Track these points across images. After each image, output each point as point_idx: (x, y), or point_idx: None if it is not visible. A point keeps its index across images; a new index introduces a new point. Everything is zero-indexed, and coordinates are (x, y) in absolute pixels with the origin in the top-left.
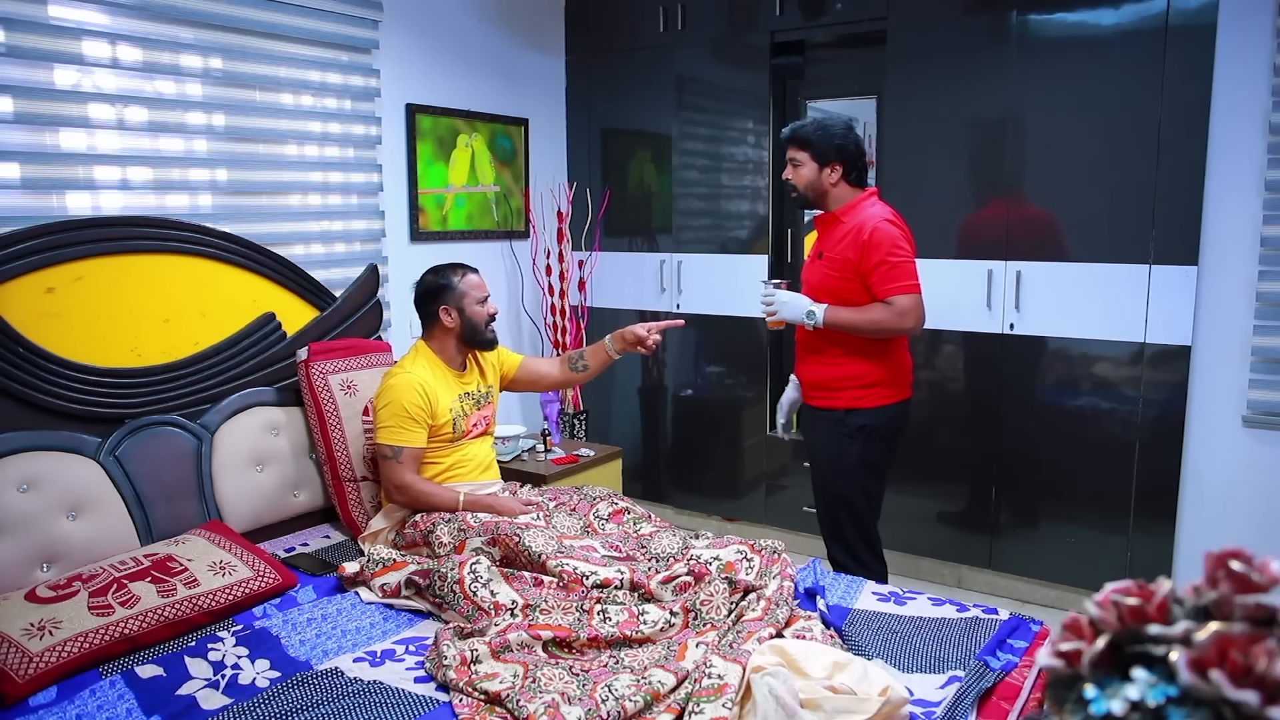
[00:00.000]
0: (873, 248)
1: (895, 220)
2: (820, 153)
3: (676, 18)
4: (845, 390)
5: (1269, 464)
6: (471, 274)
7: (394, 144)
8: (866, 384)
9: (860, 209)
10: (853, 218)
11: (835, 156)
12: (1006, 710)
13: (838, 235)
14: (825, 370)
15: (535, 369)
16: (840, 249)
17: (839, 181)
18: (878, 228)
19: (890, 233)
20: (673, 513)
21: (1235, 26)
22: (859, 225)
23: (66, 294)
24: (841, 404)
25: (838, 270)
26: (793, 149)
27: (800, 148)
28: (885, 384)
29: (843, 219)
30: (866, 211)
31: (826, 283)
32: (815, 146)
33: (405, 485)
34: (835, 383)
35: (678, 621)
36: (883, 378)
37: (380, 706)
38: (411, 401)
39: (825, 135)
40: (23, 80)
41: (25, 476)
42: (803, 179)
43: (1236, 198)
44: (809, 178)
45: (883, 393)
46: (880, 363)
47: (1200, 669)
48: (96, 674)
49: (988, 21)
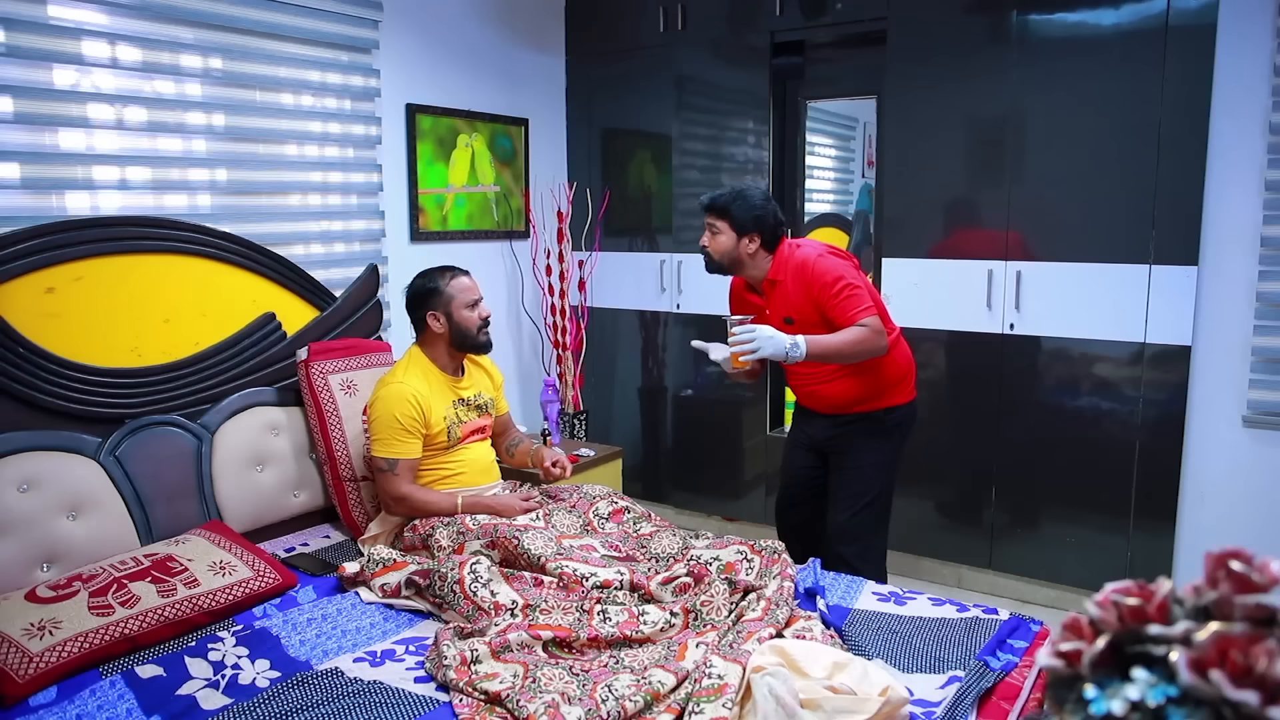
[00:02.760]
0: (825, 285)
1: (826, 250)
2: (739, 223)
3: (676, 18)
4: (882, 393)
5: (1269, 464)
6: (461, 277)
7: (394, 144)
8: (893, 381)
9: (789, 260)
10: (787, 272)
11: (754, 227)
12: (1006, 710)
13: (789, 294)
14: (856, 383)
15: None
16: (801, 304)
17: (756, 251)
18: (819, 264)
19: (834, 264)
20: (673, 513)
21: (1235, 26)
22: (800, 273)
23: (66, 294)
24: (881, 404)
25: (812, 321)
26: (711, 217)
27: (719, 216)
28: (907, 379)
29: (780, 278)
30: (796, 256)
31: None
32: (734, 217)
33: (403, 496)
34: (871, 389)
35: (678, 622)
36: (904, 373)
37: (380, 706)
38: (404, 413)
39: (744, 205)
40: (22, 80)
41: (25, 476)
42: (720, 247)
43: (1236, 198)
44: (726, 246)
45: (906, 387)
46: (895, 361)
47: (1200, 669)
48: (97, 674)
49: (988, 21)
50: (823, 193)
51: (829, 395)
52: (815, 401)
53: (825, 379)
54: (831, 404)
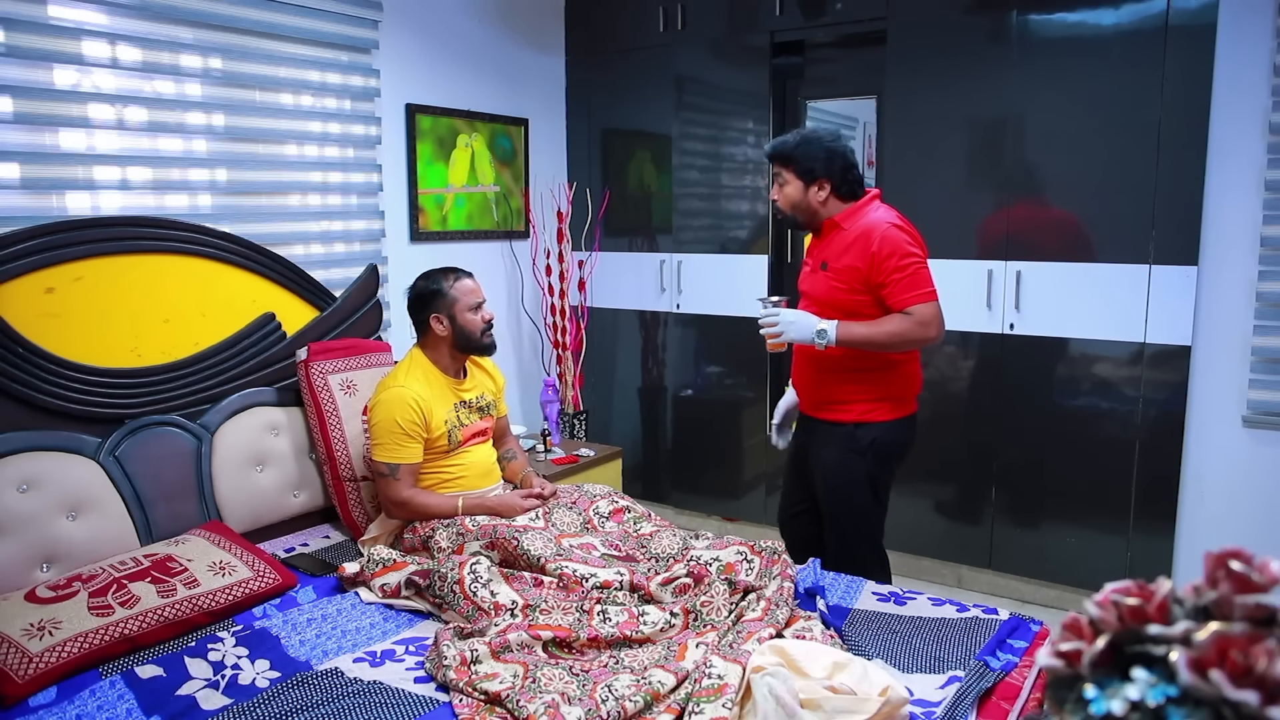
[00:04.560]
0: (884, 256)
1: (903, 224)
2: (805, 169)
3: (676, 18)
4: (855, 404)
5: (1269, 464)
6: (465, 279)
7: (394, 144)
8: (876, 397)
9: (862, 214)
10: (855, 224)
11: (822, 172)
12: (1006, 710)
13: (841, 244)
14: (833, 383)
15: (501, 429)
16: (847, 259)
17: (828, 199)
18: (886, 234)
19: (900, 238)
20: (673, 513)
21: (1235, 26)
22: (865, 232)
23: (66, 294)
24: (850, 418)
25: (845, 282)
26: (776, 166)
27: (784, 165)
28: (896, 398)
29: (844, 225)
30: (870, 216)
31: (833, 296)
32: (799, 162)
33: (404, 501)
34: (844, 396)
35: (678, 622)
36: (893, 391)
37: (380, 707)
38: (405, 417)
39: (809, 149)
40: (22, 80)
41: (25, 476)
42: (788, 198)
43: (1236, 198)
44: (794, 197)
45: (893, 407)
46: (892, 374)
47: (1200, 669)
48: (96, 674)
49: (988, 21)
50: None
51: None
52: (800, 379)
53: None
54: (808, 391)
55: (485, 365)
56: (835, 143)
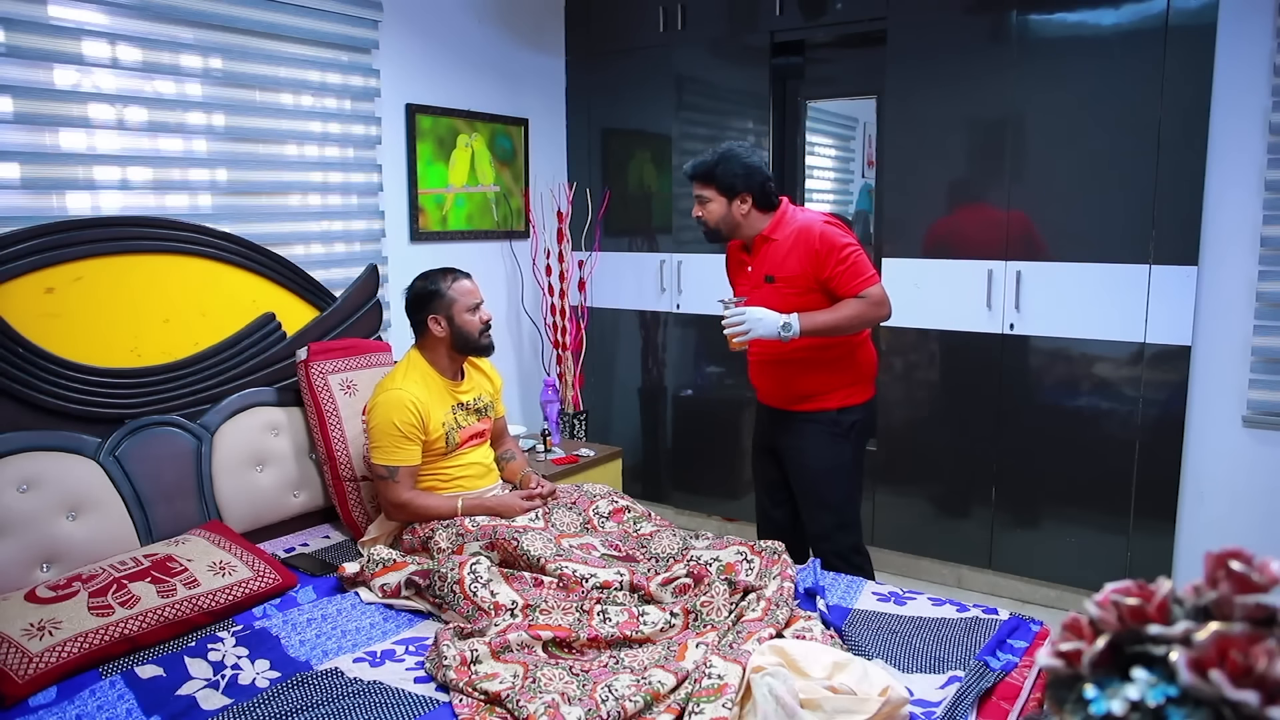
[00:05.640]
0: (827, 252)
1: (830, 219)
2: (726, 185)
3: (676, 18)
4: (834, 391)
5: (1269, 464)
6: (463, 280)
7: (394, 144)
8: (850, 381)
9: (787, 222)
10: (785, 232)
11: (743, 187)
12: (1006, 710)
13: (779, 254)
14: (806, 375)
15: (499, 430)
16: (790, 266)
17: (750, 211)
18: (824, 232)
19: (835, 233)
20: (673, 513)
21: (1235, 26)
22: (800, 237)
23: (66, 294)
24: (833, 404)
25: (796, 287)
26: (698, 185)
27: (705, 183)
28: (864, 379)
29: (774, 236)
30: (797, 221)
31: (787, 304)
32: (720, 180)
33: (404, 503)
34: (821, 386)
35: (678, 622)
36: (863, 373)
37: (380, 707)
38: (403, 419)
39: (729, 167)
40: (23, 80)
41: (25, 476)
42: (714, 215)
43: (1236, 198)
44: (719, 213)
45: (864, 388)
46: (857, 358)
47: (1200, 669)
48: (96, 674)
49: (988, 21)
50: (823, 193)
51: (774, 387)
52: (764, 381)
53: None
54: (779, 389)
55: (482, 366)
56: (752, 158)
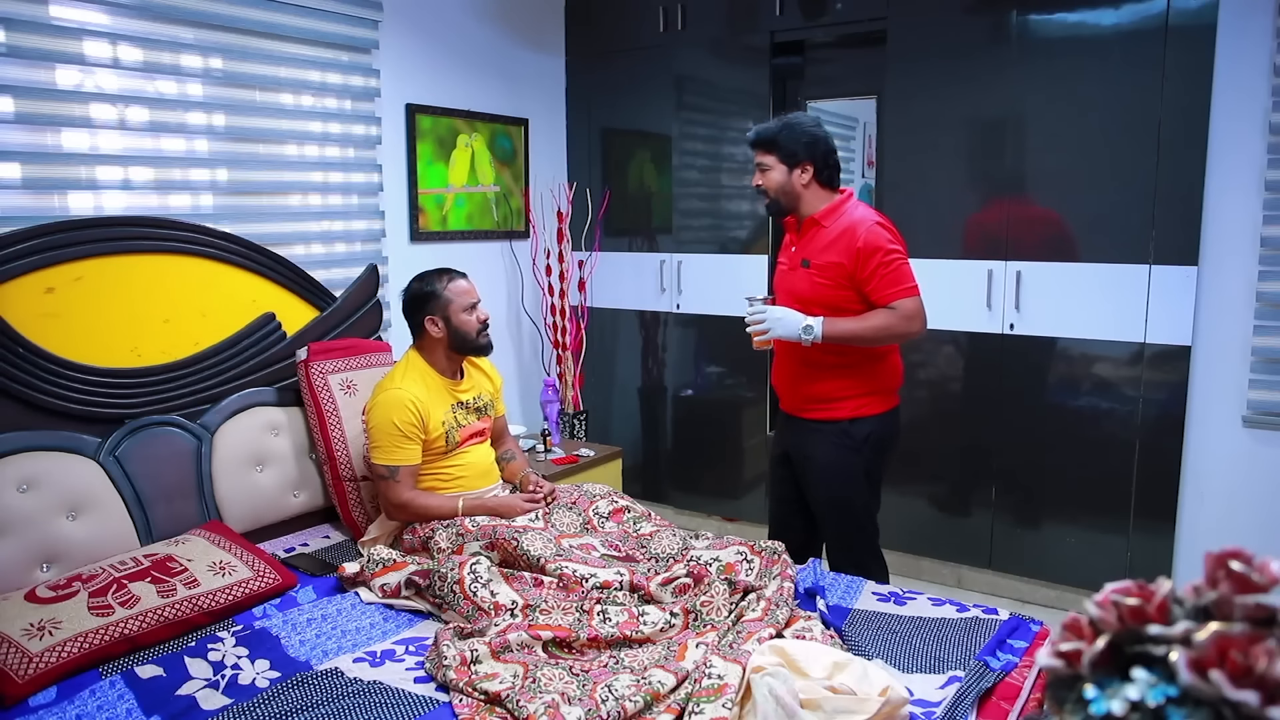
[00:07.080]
0: (869, 253)
1: (884, 221)
2: (788, 153)
3: (676, 18)
4: (846, 400)
5: (1269, 464)
6: (459, 280)
7: (394, 144)
8: (865, 391)
9: (843, 212)
10: (835, 221)
11: (805, 155)
12: (1006, 710)
13: (823, 241)
14: (821, 381)
15: (499, 429)
16: (830, 255)
17: (810, 183)
18: (870, 231)
19: (883, 235)
20: (673, 513)
21: (1235, 27)
22: (847, 229)
23: (66, 294)
24: (844, 414)
25: (829, 278)
26: (759, 153)
27: (766, 150)
28: (883, 390)
29: (824, 223)
30: (852, 215)
31: (817, 292)
32: (782, 147)
33: (405, 503)
34: (834, 393)
35: (678, 622)
36: (881, 384)
37: (380, 707)
38: (402, 419)
39: (791, 134)
40: (24, 80)
41: (25, 476)
42: (773, 183)
43: (1236, 198)
44: (779, 181)
45: (883, 399)
46: (877, 368)
47: (1200, 669)
48: (96, 674)
49: (988, 21)
50: None
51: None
52: (783, 382)
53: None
54: (793, 390)
55: (482, 365)
56: (817, 128)
